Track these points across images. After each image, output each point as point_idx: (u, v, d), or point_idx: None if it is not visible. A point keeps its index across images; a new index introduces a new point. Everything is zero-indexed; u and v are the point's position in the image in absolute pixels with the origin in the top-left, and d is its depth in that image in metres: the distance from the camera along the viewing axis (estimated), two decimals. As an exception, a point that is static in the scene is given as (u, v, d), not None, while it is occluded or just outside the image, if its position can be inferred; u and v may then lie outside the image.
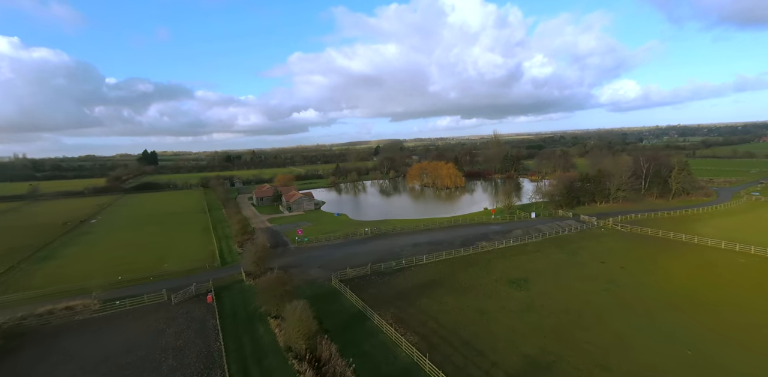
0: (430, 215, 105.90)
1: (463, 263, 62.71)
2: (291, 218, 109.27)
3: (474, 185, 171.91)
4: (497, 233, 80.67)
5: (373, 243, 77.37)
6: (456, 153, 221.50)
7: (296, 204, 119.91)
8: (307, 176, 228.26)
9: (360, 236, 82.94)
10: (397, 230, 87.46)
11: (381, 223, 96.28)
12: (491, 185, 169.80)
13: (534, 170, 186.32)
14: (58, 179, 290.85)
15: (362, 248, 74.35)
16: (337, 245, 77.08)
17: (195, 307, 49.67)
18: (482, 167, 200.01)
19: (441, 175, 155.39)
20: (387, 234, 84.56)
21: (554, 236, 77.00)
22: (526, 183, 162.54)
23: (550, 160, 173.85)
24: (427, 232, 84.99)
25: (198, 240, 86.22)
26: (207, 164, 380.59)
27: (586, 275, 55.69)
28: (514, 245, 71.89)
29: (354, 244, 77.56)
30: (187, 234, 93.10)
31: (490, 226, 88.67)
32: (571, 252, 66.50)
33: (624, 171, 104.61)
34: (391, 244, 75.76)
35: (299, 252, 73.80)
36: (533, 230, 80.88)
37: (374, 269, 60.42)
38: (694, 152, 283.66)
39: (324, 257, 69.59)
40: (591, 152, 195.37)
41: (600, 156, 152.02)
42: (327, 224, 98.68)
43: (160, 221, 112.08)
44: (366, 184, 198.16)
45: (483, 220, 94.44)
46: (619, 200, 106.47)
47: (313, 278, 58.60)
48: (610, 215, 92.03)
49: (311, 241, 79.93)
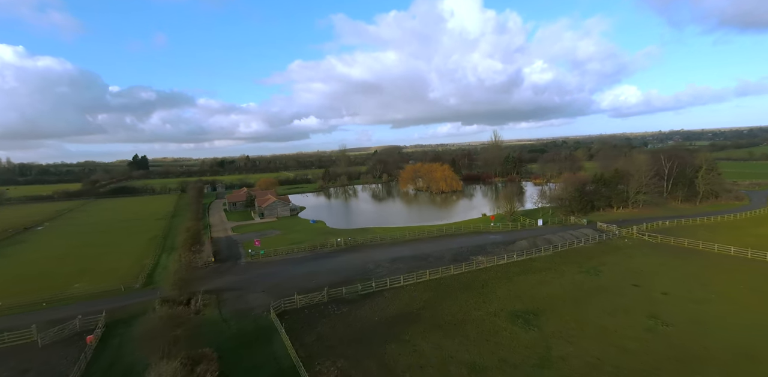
0: (420, 222, 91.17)
1: (452, 285, 47.84)
2: (259, 225, 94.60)
3: (472, 189, 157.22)
4: (497, 245, 65.86)
5: (343, 257, 62.61)
6: (453, 156, 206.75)
7: (269, 210, 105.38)
8: (296, 180, 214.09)
9: (330, 249, 68.18)
10: (376, 240, 72.67)
11: (361, 232, 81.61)
12: (491, 189, 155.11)
13: (538, 173, 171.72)
14: (41, 183, 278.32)
15: (328, 263, 59.62)
16: (299, 260, 62.35)
17: (65, 352, 34.90)
18: (481, 171, 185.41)
19: (435, 178, 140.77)
20: (363, 246, 69.77)
21: (568, 249, 62.10)
22: (530, 187, 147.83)
23: (555, 162, 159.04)
24: (412, 243, 70.17)
25: (137, 252, 71.60)
26: (198, 169, 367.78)
27: (618, 305, 40.75)
28: (519, 260, 57.02)
29: (320, 258, 62.84)
30: (129, 245, 78.57)
31: (488, 235, 73.86)
32: (592, 271, 51.57)
33: (644, 171, 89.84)
34: (365, 258, 60.99)
35: (249, 269, 59.07)
36: (541, 240, 66.01)
37: (333, 295, 45.58)
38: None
39: (276, 275, 54.86)
40: (600, 152, 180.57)
41: (611, 156, 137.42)
42: (298, 233, 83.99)
43: (111, 229, 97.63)
44: (357, 188, 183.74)
45: (480, 228, 79.63)
46: (639, 204, 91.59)
47: (248, 308, 43.77)
48: (631, 223, 77.13)
49: (269, 254, 65.19)
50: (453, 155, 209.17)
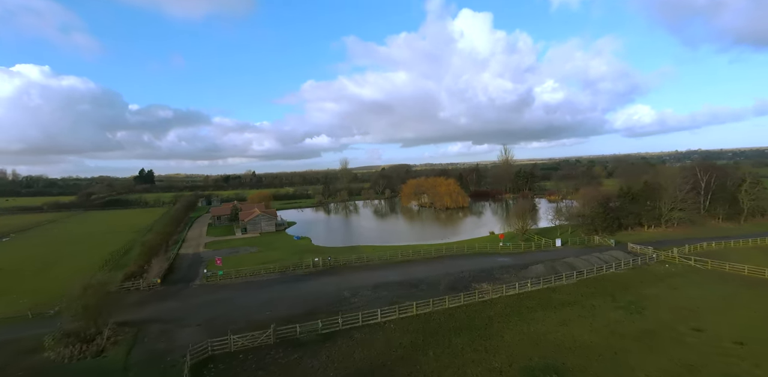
0: (418, 240, 79.48)
1: (445, 325, 35.98)
2: (237, 241, 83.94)
3: (481, 206, 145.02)
4: (507, 269, 53.79)
5: (316, 282, 51.25)
6: (461, 171, 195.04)
7: (252, 225, 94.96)
8: (295, 195, 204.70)
9: (304, 270, 56.90)
10: (361, 261, 61.20)
11: (347, 251, 70.39)
12: (501, 206, 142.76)
13: (552, 189, 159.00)
14: (43, 195, 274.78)
15: (296, 289, 48.31)
16: (262, 284, 51.17)
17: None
18: (491, 187, 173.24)
19: (440, 193, 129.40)
20: (344, 268, 58.35)
21: (596, 277, 49.69)
22: (544, 204, 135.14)
23: (571, 178, 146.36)
24: (403, 265, 58.51)
25: (86, 268, 61.21)
26: (203, 184, 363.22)
27: (680, 362, 28.39)
28: (534, 290, 44.87)
29: (289, 282, 51.59)
30: (84, 259, 68.34)
31: (496, 257, 61.83)
32: (632, 307, 39.18)
33: (679, 184, 77.43)
34: (342, 284, 49.51)
35: (198, 294, 48.08)
36: (561, 265, 53.74)
37: (284, 335, 34.10)
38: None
39: (227, 304, 43.70)
40: (619, 169, 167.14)
41: (634, 172, 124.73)
42: (276, 250, 73.04)
43: (76, 242, 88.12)
44: (359, 204, 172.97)
45: (487, 248, 67.55)
46: (673, 223, 78.68)
47: (168, 350, 32.49)
48: (668, 244, 64.36)
49: (229, 276, 54.17)
50: (461, 171, 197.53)
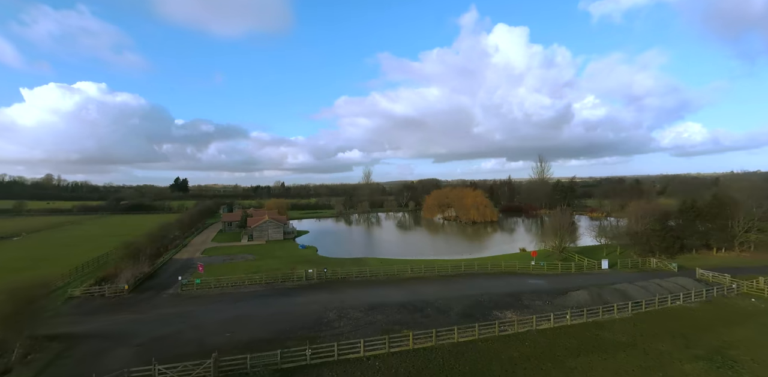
0: (435, 254, 69.59)
1: (449, 367, 26.23)
2: (238, 248, 77.23)
3: (512, 222, 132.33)
4: (539, 295, 42.99)
5: (303, 298, 42.69)
6: (491, 184, 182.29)
7: (258, 231, 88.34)
8: (317, 205, 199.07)
9: (294, 283, 48.55)
10: (363, 275, 52.17)
11: (352, 262, 61.71)
12: (535, 223, 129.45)
13: (594, 207, 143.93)
14: (81, 200, 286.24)
15: (274, 306, 39.94)
16: (240, 297, 43.22)
17: None
18: (524, 201, 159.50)
19: (465, 205, 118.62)
20: (342, 282, 49.50)
21: (659, 310, 38.08)
22: (585, 221, 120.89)
23: (617, 193, 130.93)
24: (412, 282, 48.93)
25: (62, 271, 55.96)
26: (232, 193, 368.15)
27: None
28: (575, 323, 34.11)
29: (270, 297, 43.38)
30: (74, 259, 63.46)
31: (526, 279, 50.95)
32: (717, 358, 27.74)
33: (759, 197, 63.61)
34: (332, 302, 40.65)
35: (162, 305, 40.74)
36: (611, 293, 42.35)
37: (229, 368, 25.55)
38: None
39: (187, 319, 35.90)
40: (670, 187, 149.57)
41: (692, 189, 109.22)
42: (274, 259, 65.42)
43: (81, 243, 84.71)
44: (381, 216, 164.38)
45: (516, 267, 56.62)
46: (749, 246, 64.49)
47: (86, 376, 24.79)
48: (745, 271, 51.01)
49: (208, 285, 46.68)
50: (491, 184, 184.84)
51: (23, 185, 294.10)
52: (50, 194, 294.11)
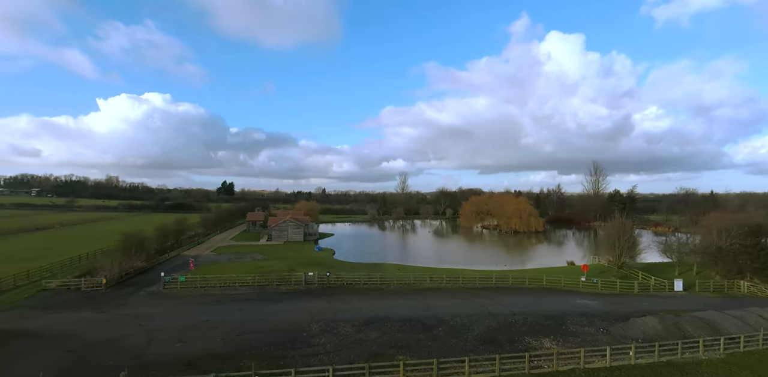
0: (467, 264, 60.38)
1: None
2: (251, 248, 72.43)
3: (560, 234, 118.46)
4: (591, 319, 32.80)
5: (292, 304, 35.75)
6: (538, 193, 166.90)
7: (278, 231, 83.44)
8: (352, 211, 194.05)
9: (291, 287, 41.81)
10: (373, 282, 44.36)
11: (367, 267, 54.31)
12: (587, 236, 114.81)
13: (659, 221, 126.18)
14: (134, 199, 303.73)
15: (255, 312, 33.24)
16: (222, 299, 37.14)
17: None
18: (575, 211, 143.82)
19: (506, 212, 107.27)
20: (345, 288, 42.06)
21: (761, 350, 26.94)
22: (647, 236, 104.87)
23: (690, 206, 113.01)
24: (428, 294, 40.43)
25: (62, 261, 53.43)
26: (273, 197, 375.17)
27: None
28: (642, 363, 24.16)
29: (254, 301, 36.87)
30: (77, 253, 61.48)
31: (574, 298, 40.58)
32: None
33: None
34: (323, 312, 33.29)
35: (132, 303, 35.53)
36: (692, 321, 31.39)
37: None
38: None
39: (144, 322, 30.07)
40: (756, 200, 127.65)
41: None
42: (283, 260, 59.41)
43: (106, 237, 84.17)
44: (416, 223, 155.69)
45: (561, 283, 46.03)
46: None
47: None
48: None
49: (193, 285, 41.16)
50: (538, 193, 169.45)
51: (85, 184, 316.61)
52: (107, 193, 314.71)
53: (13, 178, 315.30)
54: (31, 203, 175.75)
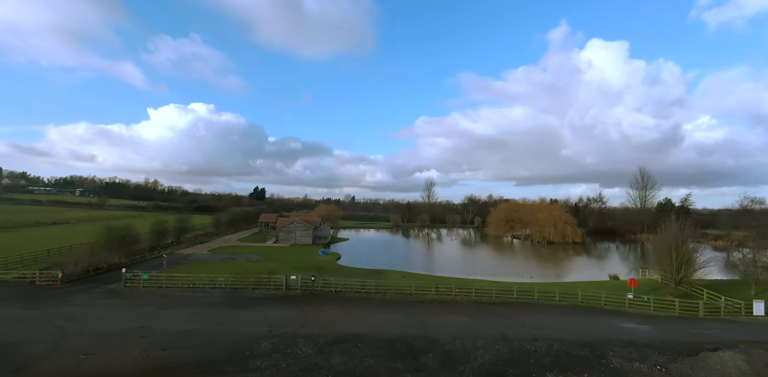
0: (487, 274, 52.02)
1: None
2: (252, 248, 67.31)
3: (602, 247, 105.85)
4: (641, 350, 24.01)
5: (257, 312, 29.30)
6: (576, 201, 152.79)
7: (285, 233, 78.13)
8: (376, 217, 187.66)
9: (268, 292, 35.53)
10: (367, 290, 37.23)
11: (370, 274, 47.34)
12: (634, 249, 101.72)
13: (720, 234, 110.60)
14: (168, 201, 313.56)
15: (204, 320, 27.03)
16: (178, 302, 31.37)
17: None
18: (619, 223, 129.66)
19: (539, 220, 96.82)
20: (330, 296, 35.26)
21: None
22: (705, 251, 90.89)
23: (756, 219, 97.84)
24: (430, 307, 32.80)
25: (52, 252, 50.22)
26: (302, 204, 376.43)
27: None
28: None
29: (216, 306, 30.75)
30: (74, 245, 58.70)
31: (618, 320, 31.47)
32: None
33: None
34: (287, 324, 26.59)
35: (73, 302, 30.40)
36: (796, 362, 21.98)
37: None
38: None
39: (68, 324, 24.57)
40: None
41: None
42: (280, 262, 53.53)
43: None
44: (442, 232, 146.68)
45: (601, 300, 36.76)
46: None
47: None
48: None
49: (159, 284, 35.84)
50: (576, 202, 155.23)
51: (126, 186, 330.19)
52: (145, 195, 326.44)
53: (62, 179, 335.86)
54: (68, 201, 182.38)
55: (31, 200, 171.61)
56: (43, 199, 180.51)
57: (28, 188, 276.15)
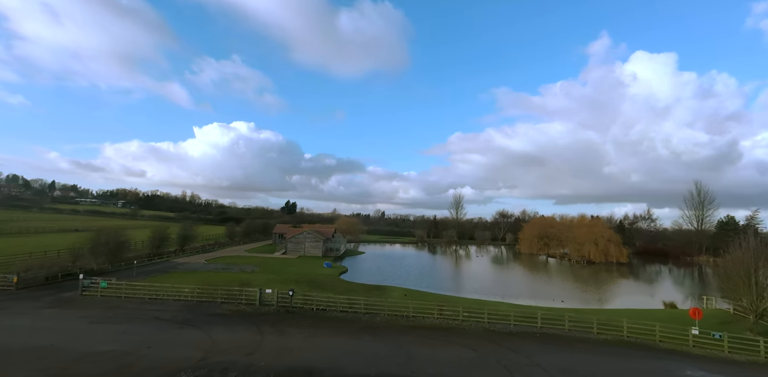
0: (510, 296, 44.10)
1: None
2: (256, 259, 62.78)
3: (652, 269, 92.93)
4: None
5: (203, 332, 23.69)
6: (621, 219, 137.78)
7: (294, 244, 73.29)
8: (402, 232, 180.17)
9: (233, 307, 30.02)
10: (355, 309, 30.89)
11: (370, 290, 41.01)
12: (690, 273, 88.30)
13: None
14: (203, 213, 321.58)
15: (125, 340, 21.71)
16: (123, 315, 26.48)
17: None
18: (671, 243, 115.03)
19: (578, 238, 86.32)
20: (311, 315, 29.19)
21: None
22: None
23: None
24: (425, 334, 25.95)
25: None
26: (330, 217, 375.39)
27: None
28: None
29: (159, 322, 25.53)
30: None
31: (681, 364, 23.16)
32: None
33: None
34: (229, 351, 20.77)
35: (5, 311, 26.16)
36: None
37: None
38: None
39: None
40: None
41: None
42: (272, 274, 48.30)
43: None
44: (471, 249, 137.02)
45: (654, 335, 28.32)
46: None
47: None
48: None
49: (117, 292, 31.37)
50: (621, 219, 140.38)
51: (164, 199, 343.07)
52: (181, 207, 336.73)
53: (108, 191, 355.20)
54: (103, 211, 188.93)
55: (71, 209, 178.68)
56: (81, 209, 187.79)
57: (76, 199, 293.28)
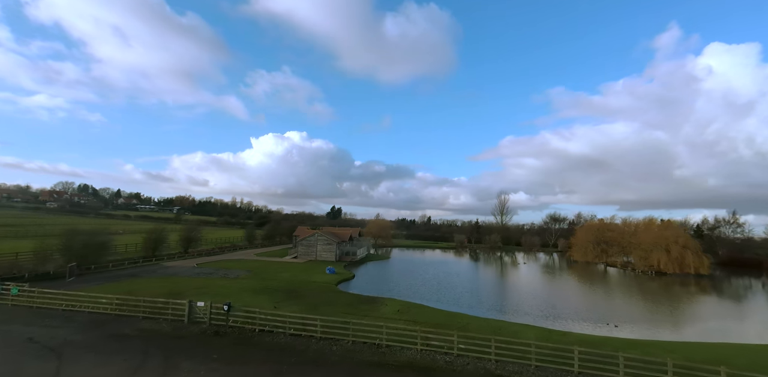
0: (547, 317, 33.61)
1: None
2: (253, 263, 56.69)
3: (742, 283, 74.90)
4: None
5: (52, 371, 16.71)
6: (699, 222, 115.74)
7: (305, 247, 66.70)
8: (442, 236, 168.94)
9: (153, 326, 23.05)
10: (311, 330, 22.65)
11: (361, 301, 32.61)
12: (798, 289, 69.42)
13: None
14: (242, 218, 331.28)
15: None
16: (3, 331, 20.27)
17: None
18: (764, 253, 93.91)
19: (644, 244, 71.25)
20: (246, 340, 21.34)
21: None
22: None
23: None
24: (403, 374, 17.12)
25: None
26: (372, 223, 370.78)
27: None
28: None
29: (29, 349, 18.91)
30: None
31: None
32: None
33: None
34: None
35: None
36: None
37: None
38: None
39: None
40: None
41: None
42: (262, 280, 41.54)
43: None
44: (518, 255, 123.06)
45: None
46: None
47: None
48: None
49: (29, 299, 25.79)
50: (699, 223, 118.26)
51: (215, 205, 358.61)
52: (231, 212, 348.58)
53: (165, 199, 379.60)
54: (151, 216, 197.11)
55: (123, 215, 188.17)
56: (133, 214, 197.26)
57: (137, 206, 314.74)
